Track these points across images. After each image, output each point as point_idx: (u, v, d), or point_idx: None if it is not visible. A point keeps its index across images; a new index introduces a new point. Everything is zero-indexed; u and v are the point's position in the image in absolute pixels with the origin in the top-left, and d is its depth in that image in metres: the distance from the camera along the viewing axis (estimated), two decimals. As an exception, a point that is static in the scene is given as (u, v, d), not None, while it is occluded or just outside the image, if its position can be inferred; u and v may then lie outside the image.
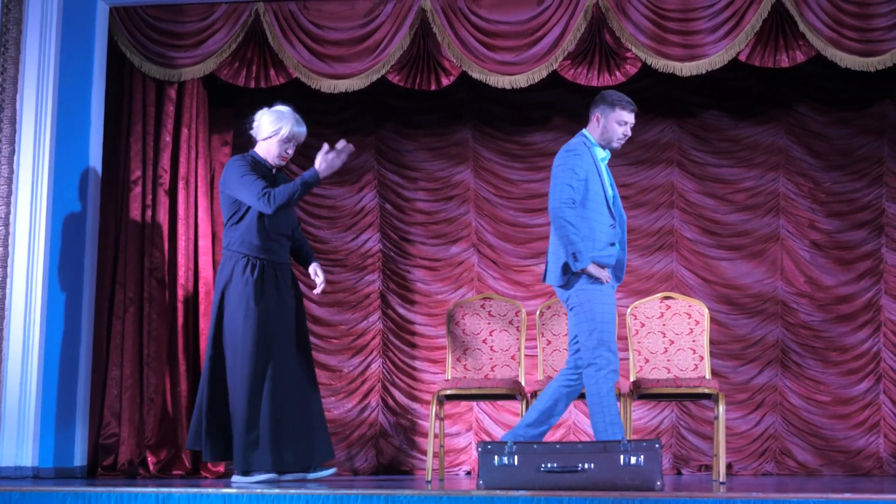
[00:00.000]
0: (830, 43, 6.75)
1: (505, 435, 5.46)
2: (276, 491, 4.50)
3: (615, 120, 5.57)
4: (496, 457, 4.83)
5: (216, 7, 7.27)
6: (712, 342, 7.31)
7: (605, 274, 5.41)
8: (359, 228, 8.27)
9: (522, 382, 6.58)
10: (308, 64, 7.19)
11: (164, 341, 7.18)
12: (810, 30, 6.75)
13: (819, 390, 7.79)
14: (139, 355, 7.15)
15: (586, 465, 4.73)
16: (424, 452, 7.60)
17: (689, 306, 6.66)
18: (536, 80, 7.08)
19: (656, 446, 4.74)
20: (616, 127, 5.57)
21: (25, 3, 7.03)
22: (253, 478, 5.65)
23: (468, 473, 7.83)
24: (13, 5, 6.99)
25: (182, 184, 7.32)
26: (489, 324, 6.80)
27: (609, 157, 5.67)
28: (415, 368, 8.09)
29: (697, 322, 6.63)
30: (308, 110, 8.22)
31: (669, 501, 4.22)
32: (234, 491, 4.56)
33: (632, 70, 7.08)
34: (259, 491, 4.54)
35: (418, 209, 8.27)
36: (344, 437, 7.94)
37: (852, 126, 7.96)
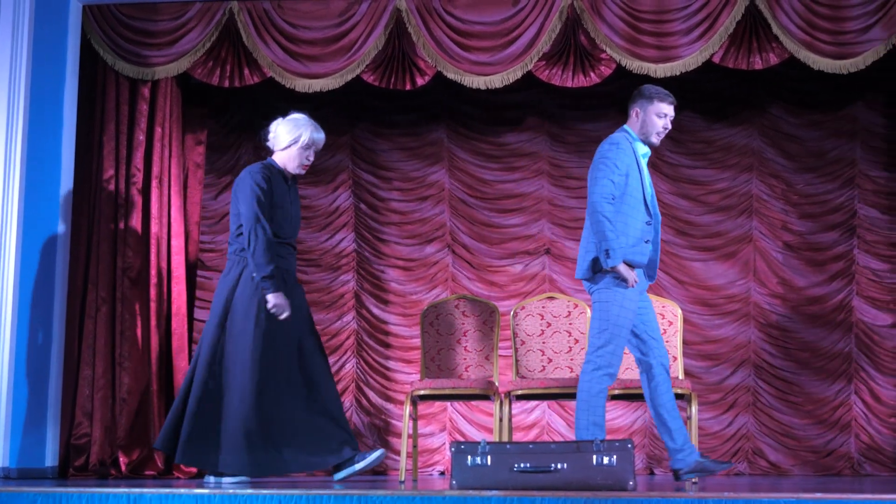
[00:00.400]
0: (803, 45, 6.79)
1: (673, 462, 5.43)
2: (249, 491, 4.49)
3: (654, 113, 5.46)
4: (469, 457, 4.82)
5: (190, 6, 7.25)
6: (685, 343, 7.35)
7: (633, 276, 5.34)
8: (333, 228, 8.26)
9: (496, 383, 6.59)
10: (282, 63, 7.18)
11: (137, 341, 7.15)
12: (783, 32, 6.79)
13: (791, 391, 7.83)
14: (111, 355, 7.12)
15: (559, 465, 4.73)
16: (398, 452, 7.59)
17: (663, 307, 6.68)
18: (511, 81, 7.09)
19: (629, 446, 4.74)
20: (656, 120, 5.47)
21: (-3, 0, 6.99)
22: (228, 479, 5.63)
23: (442, 473, 7.83)
24: (-16, 3, 6.95)
25: (155, 183, 7.29)
26: (463, 324, 6.80)
27: (650, 153, 5.59)
28: (389, 369, 8.09)
29: (671, 323, 6.65)
30: (282, 110, 8.26)
31: (642, 501, 4.22)
32: (206, 491, 4.53)
33: (606, 71, 7.10)
34: (232, 491, 4.52)
35: (393, 209, 8.27)
36: (318, 437, 7.92)
37: (825, 128, 8.01)
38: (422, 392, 6.52)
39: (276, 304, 5.69)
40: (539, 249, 8.17)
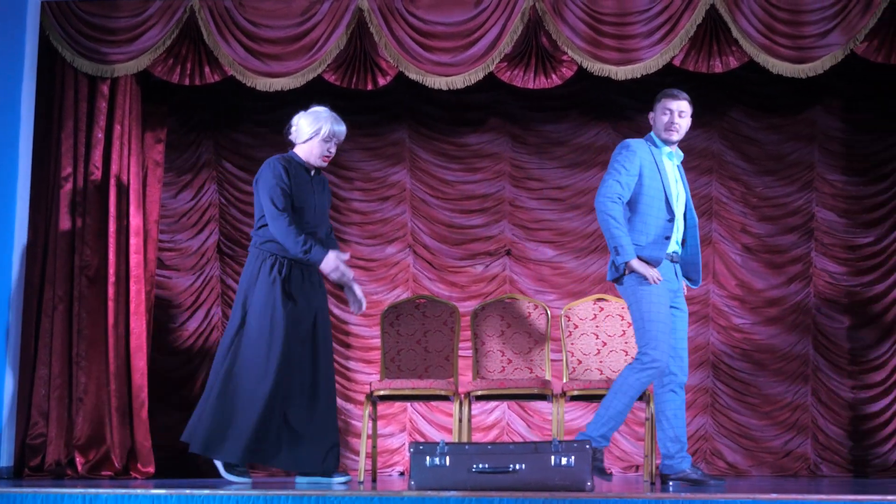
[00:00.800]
0: (763, 49, 6.83)
1: (664, 465, 5.56)
2: (206, 492, 4.46)
3: (660, 111, 5.58)
4: (428, 457, 4.82)
5: (150, 3, 7.20)
6: (645, 344, 7.37)
7: (653, 273, 5.39)
8: (294, 228, 8.22)
9: (456, 383, 6.59)
10: (243, 62, 7.14)
11: (94, 340, 7.09)
12: (743, 36, 6.83)
13: (749, 392, 7.89)
14: (68, 354, 7.06)
15: (517, 466, 4.73)
16: (358, 453, 7.58)
17: (622, 308, 6.70)
18: (473, 82, 7.09)
19: (587, 447, 4.76)
20: (661, 117, 5.57)
21: (-47, -5, 6.92)
22: (234, 478, 5.71)
23: (401, 474, 7.82)
24: (-59, -3, 6.88)
25: (114, 181, 7.23)
26: (423, 324, 6.80)
27: (680, 156, 5.69)
28: (349, 369, 8.07)
29: (630, 324, 6.67)
30: (244, 109, 8.23)
31: (600, 502, 4.24)
32: (162, 492, 4.51)
33: (568, 73, 7.12)
34: (188, 492, 4.49)
35: (354, 209, 8.25)
36: (277, 437, 7.89)
37: (784, 132, 8.07)
38: (381, 392, 6.51)
39: (333, 270, 5.76)
40: (500, 250, 8.18)
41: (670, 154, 5.62)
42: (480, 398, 6.67)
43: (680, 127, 5.58)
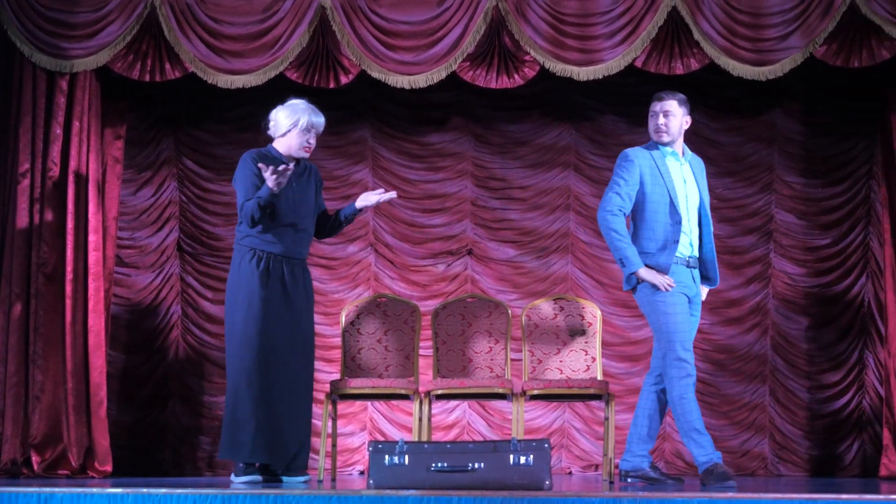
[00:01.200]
0: (724, 52, 6.88)
1: (624, 460, 5.68)
2: (163, 491, 4.44)
3: (650, 114, 5.69)
4: (387, 456, 4.82)
5: (111, -3, 7.14)
6: (605, 344, 7.41)
7: (663, 280, 5.44)
8: (255, 225, 8.18)
9: (417, 382, 6.58)
10: (204, 59, 7.09)
11: (52, 338, 7.02)
12: (704, 38, 6.87)
13: (708, 392, 7.93)
14: (24, 352, 6.98)
15: (476, 465, 4.74)
16: (317, 452, 7.56)
17: (583, 308, 6.73)
18: (436, 81, 7.08)
19: (545, 446, 4.77)
20: (651, 120, 5.68)
21: None
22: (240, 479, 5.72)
23: (362, 473, 7.81)
24: None
25: (72, 177, 7.16)
26: (384, 323, 6.79)
27: (690, 155, 5.76)
28: (309, 368, 8.03)
29: (590, 324, 6.70)
30: (206, 106, 8.18)
31: (558, 501, 4.25)
32: (119, 490, 4.48)
33: (530, 73, 7.13)
34: (145, 490, 4.46)
35: (316, 207, 8.22)
36: (236, 436, 7.84)
37: (744, 134, 8.13)
38: (341, 391, 6.50)
39: (273, 183, 5.68)
40: (462, 250, 8.19)
41: (674, 154, 5.66)
42: (441, 397, 6.68)
43: (668, 127, 5.64)
